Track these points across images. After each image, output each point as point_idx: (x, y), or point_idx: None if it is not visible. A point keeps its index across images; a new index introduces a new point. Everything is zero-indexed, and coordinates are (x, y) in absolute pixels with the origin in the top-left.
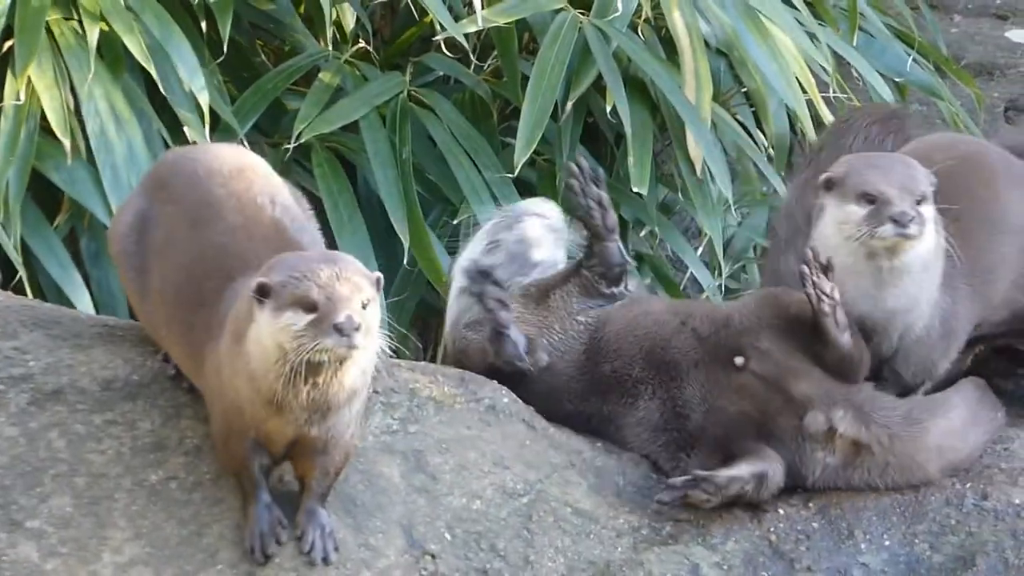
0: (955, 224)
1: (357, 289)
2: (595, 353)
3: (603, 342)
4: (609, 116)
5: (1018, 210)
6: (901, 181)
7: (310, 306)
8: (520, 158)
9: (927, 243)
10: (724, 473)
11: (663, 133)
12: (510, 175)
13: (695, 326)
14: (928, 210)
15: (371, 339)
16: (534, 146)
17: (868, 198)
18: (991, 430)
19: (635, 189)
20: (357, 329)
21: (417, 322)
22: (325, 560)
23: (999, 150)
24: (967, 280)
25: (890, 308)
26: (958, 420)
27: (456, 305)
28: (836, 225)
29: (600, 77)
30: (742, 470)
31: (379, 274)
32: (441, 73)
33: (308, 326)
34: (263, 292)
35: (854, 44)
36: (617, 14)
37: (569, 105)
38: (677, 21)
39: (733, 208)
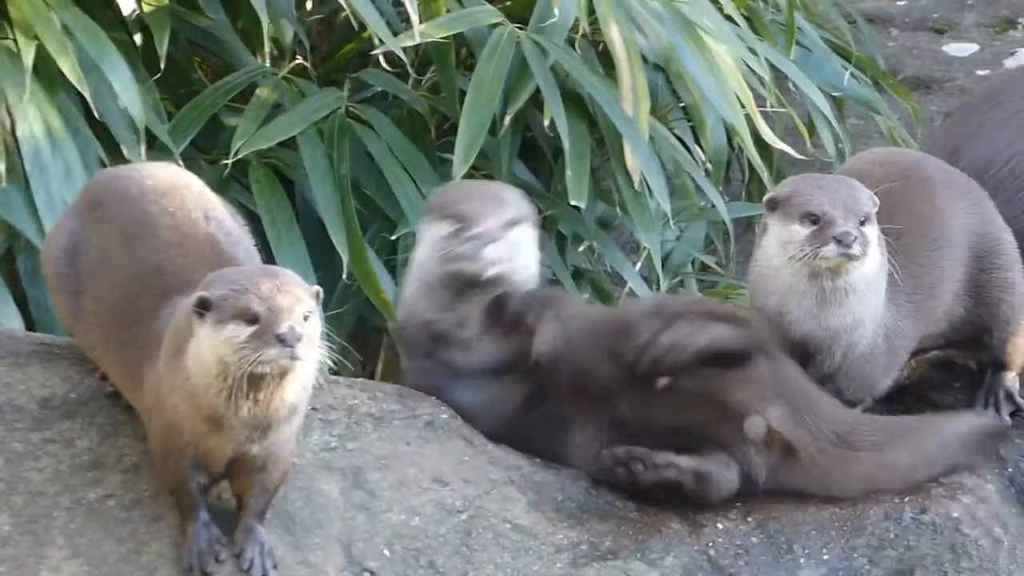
0: (897, 241)
1: (298, 301)
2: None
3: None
4: (547, 130)
5: (958, 223)
6: (845, 201)
7: (252, 318)
8: (459, 173)
9: (871, 263)
10: (664, 456)
11: (601, 148)
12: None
13: (617, 352)
14: (871, 230)
15: (312, 351)
16: (471, 161)
17: (812, 218)
18: (949, 468)
19: (573, 203)
20: (299, 340)
21: (356, 338)
22: None
23: (938, 162)
24: (910, 297)
25: (833, 327)
26: (906, 458)
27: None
28: (780, 245)
29: (538, 91)
30: (683, 461)
31: (319, 288)
32: (379, 89)
33: (250, 338)
34: (203, 306)
35: (791, 58)
36: (554, 19)
37: (507, 120)
38: (614, 35)
39: (672, 222)
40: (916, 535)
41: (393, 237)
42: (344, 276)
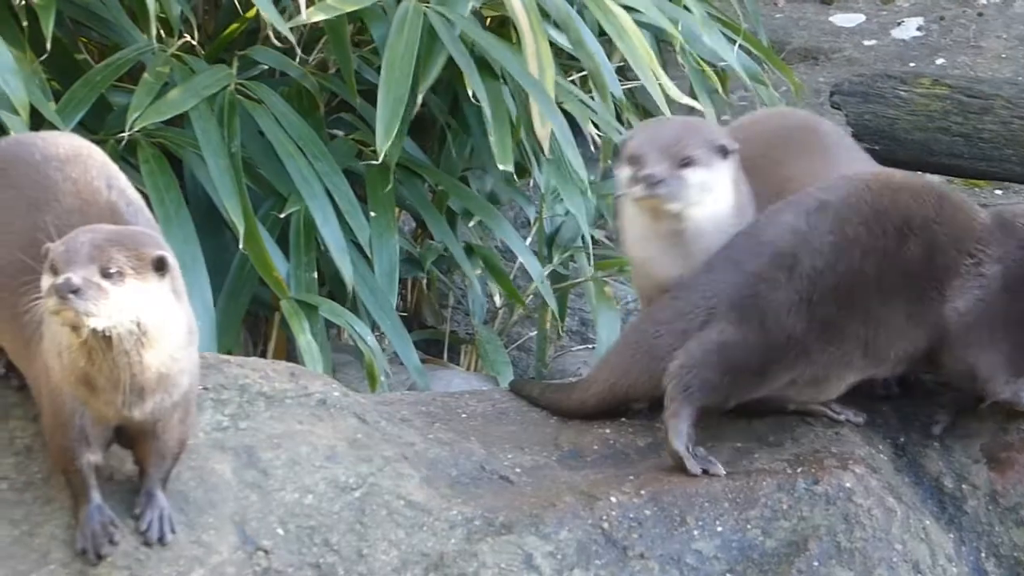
0: (788, 188)
1: (99, 256)
2: None
3: None
4: (473, 98)
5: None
6: (662, 143)
7: (53, 269)
8: (382, 144)
9: (712, 206)
10: None
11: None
12: (360, 172)
13: None
14: (696, 173)
15: (106, 310)
16: (391, 138)
17: (631, 159)
18: None
19: (501, 167)
20: (74, 292)
21: (247, 317)
22: (161, 540)
23: (831, 123)
24: None
25: (695, 266)
26: None
27: None
28: (619, 189)
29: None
30: None
31: (159, 254)
32: (267, 66)
33: (49, 289)
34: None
35: (679, 31)
36: None
37: (420, 95)
38: (516, 3)
39: (589, 191)
40: (809, 506)
41: (283, 215)
42: (240, 250)
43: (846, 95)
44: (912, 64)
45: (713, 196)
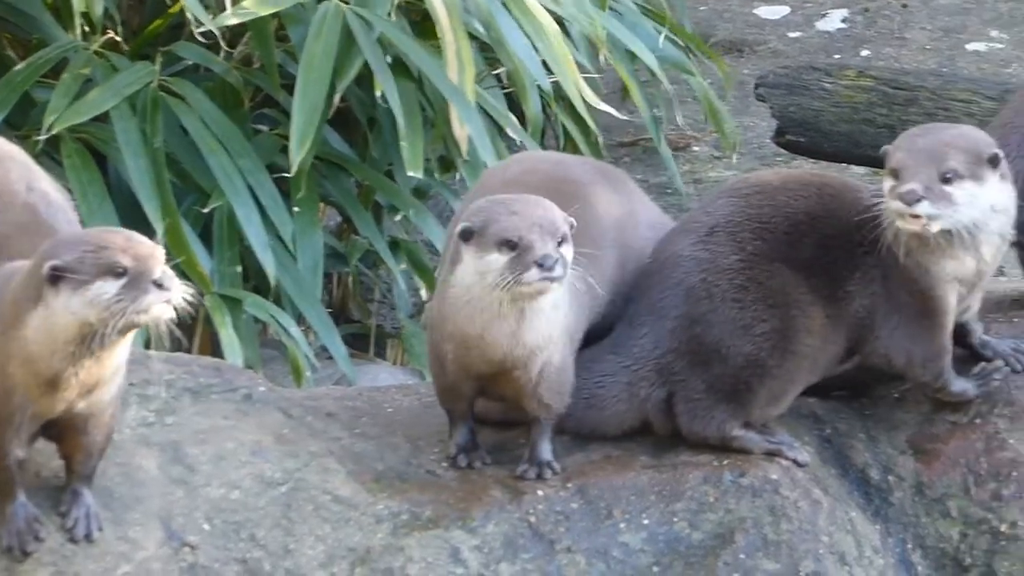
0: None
1: (155, 248)
2: None
3: None
4: (380, 101)
5: (601, 212)
6: (541, 224)
7: (120, 271)
8: (296, 155)
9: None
10: None
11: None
12: (287, 175)
13: None
14: (568, 250)
15: (179, 297)
16: (307, 147)
17: (509, 245)
18: None
19: (410, 173)
20: (174, 283)
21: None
22: (87, 538)
23: (577, 159)
24: (583, 297)
25: (530, 344)
26: None
27: None
28: (478, 275)
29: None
30: None
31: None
32: (191, 61)
33: (122, 290)
34: (56, 275)
35: (602, 30)
36: None
37: (337, 97)
38: (437, 3)
39: None
40: (736, 498)
41: (206, 210)
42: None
43: (771, 87)
44: (837, 56)
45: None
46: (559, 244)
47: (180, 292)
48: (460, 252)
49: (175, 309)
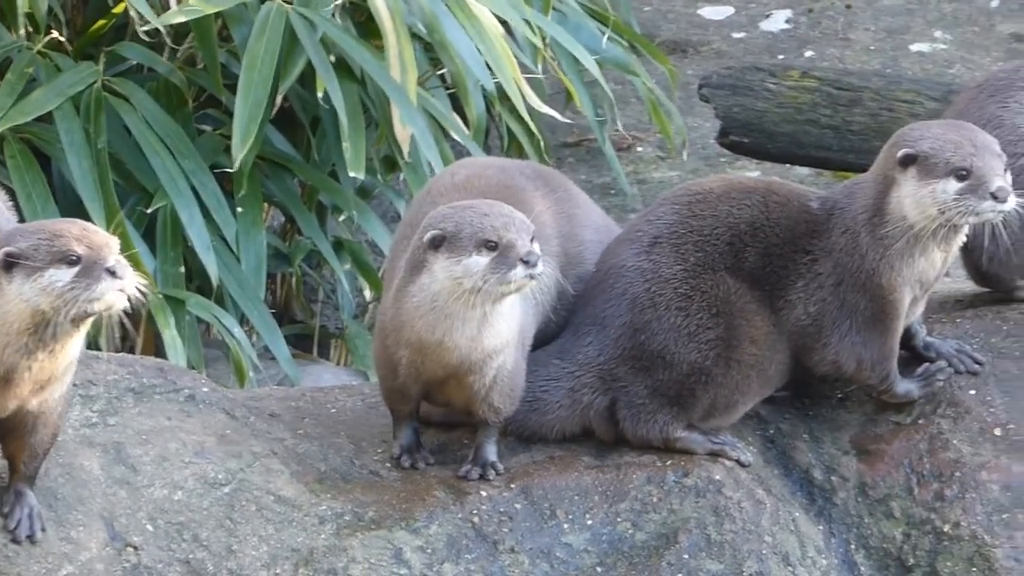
0: None
1: (110, 238)
2: None
3: None
4: (322, 102)
5: (544, 220)
6: (516, 224)
7: (74, 259)
8: (238, 152)
9: None
10: None
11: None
12: (230, 170)
13: None
14: (537, 247)
15: (134, 287)
16: (249, 144)
17: (490, 245)
18: None
19: (353, 174)
20: (128, 272)
21: None
22: (31, 539)
23: (520, 165)
24: (535, 300)
25: (488, 348)
26: None
27: None
28: (452, 280)
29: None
30: None
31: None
32: (135, 62)
33: (76, 278)
34: (10, 261)
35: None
36: None
37: (279, 98)
38: (379, 5)
39: None
40: (679, 498)
41: (149, 210)
42: None
43: (715, 88)
44: (781, 56)
45: None
46: (534, 240)
47: (134, 281)
48: (426, 260)
49: (128, 299)
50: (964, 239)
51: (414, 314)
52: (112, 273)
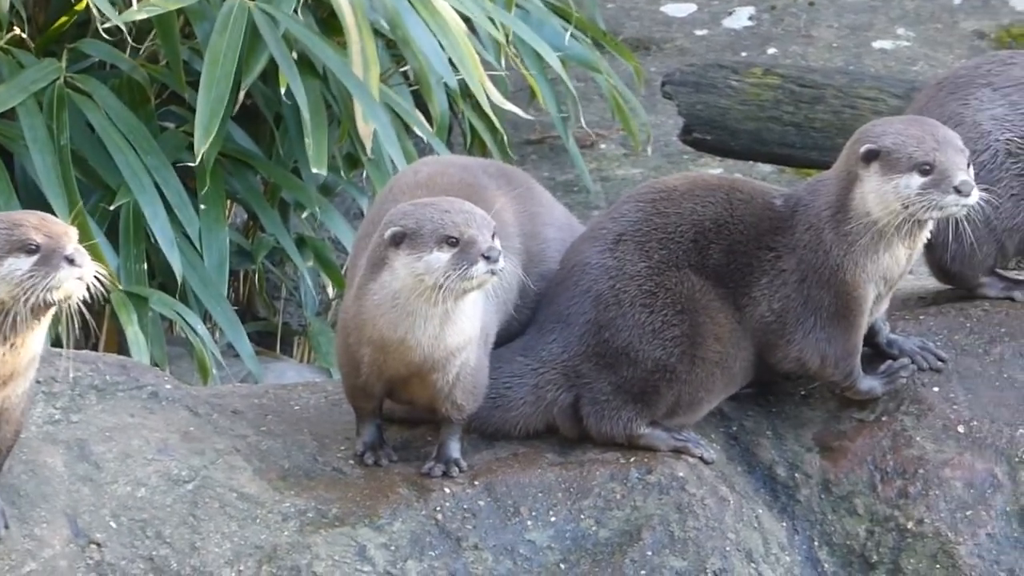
0: None
1: (68, 228)
2: None
3: None
4: (284, 98)
5: (507, 219)
6: (478, 221)
7: (32, 248)
8: (200, 146)
9: None
10: None
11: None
12: (192, 164)
13: None
14: (498, 244)
15: (91, 276)
16: (211, 137)
17: (451, 241)
18: None
19: (315, 170)
20: (87, 260)
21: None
22: None
23: (483, 163)
24: (497, 297)
25: (451, 346)
26: None
27: None
28: (414, 277)
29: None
30: None
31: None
32: (97, 59)
33: (34, 266)
34: None
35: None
36: None
37: (242, 94)
38: (342, 1)
39: None
40: (643, 495)
41: (112, 207)
42: None
43: (677, 85)
44: (744, 54)
45: None
46: (495, 236)
47: (92, 270)
48: (387, 257)
49: (88, 288)
50: (928, 235)
51: (376, 311)
52: (71, 261)
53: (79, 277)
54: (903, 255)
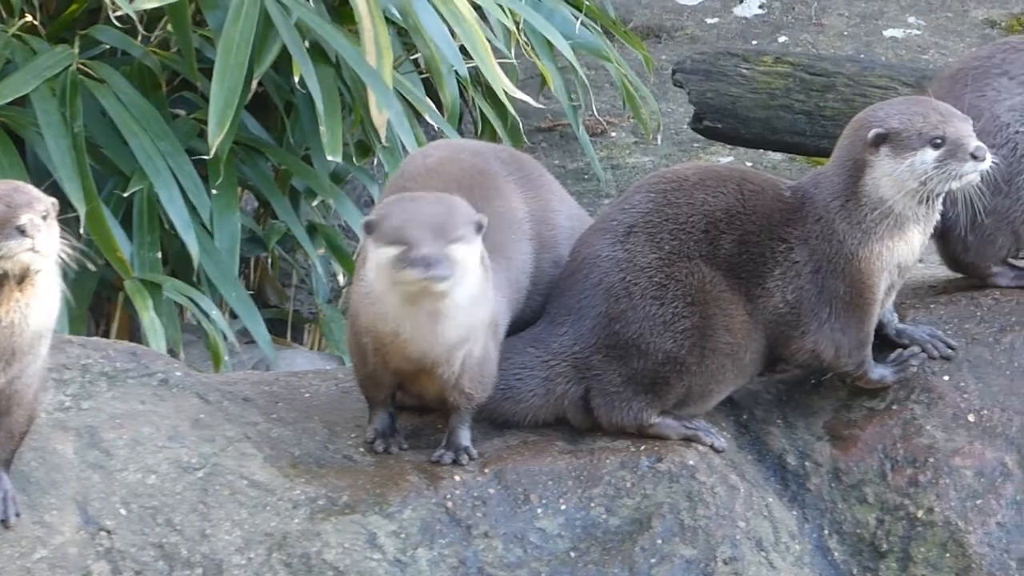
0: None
1: (36, 200)
2: None
3: None
4: (298, 86)
5: (518, 205)
6: (431, 224)
7: None
8: (214, 137)
9: (470, 280)
10: None
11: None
12: (206, 157)
13: None
14: (461, 250)
15: (53, 250)
16: (225, 128)
17: (400, 242)
18: None
19: (330, 157)
20: (39, 231)
21: (91, 297)
22: (4, 523)
23: (495, 149)
24: (508, 287)
25: (449, 342)
26: None
27: None
28: (376, 270)
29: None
30: None
31: (54, 199)
32: (109, 45)
33: None
34: None
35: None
36: None
37: (254, 83)
38: None
39: None
40: (653, 483)
41: (127, 193)
42: (81, 234)
43: (688, 73)
44: (754, 42)
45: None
46: (452, 243)
47: (48, 242)
48: (366, 248)
49: (62, 261)
50: (939, 215)
51: (364, 302)
52: (22, 232)
53: (30, 248)
54: (917, 241)
